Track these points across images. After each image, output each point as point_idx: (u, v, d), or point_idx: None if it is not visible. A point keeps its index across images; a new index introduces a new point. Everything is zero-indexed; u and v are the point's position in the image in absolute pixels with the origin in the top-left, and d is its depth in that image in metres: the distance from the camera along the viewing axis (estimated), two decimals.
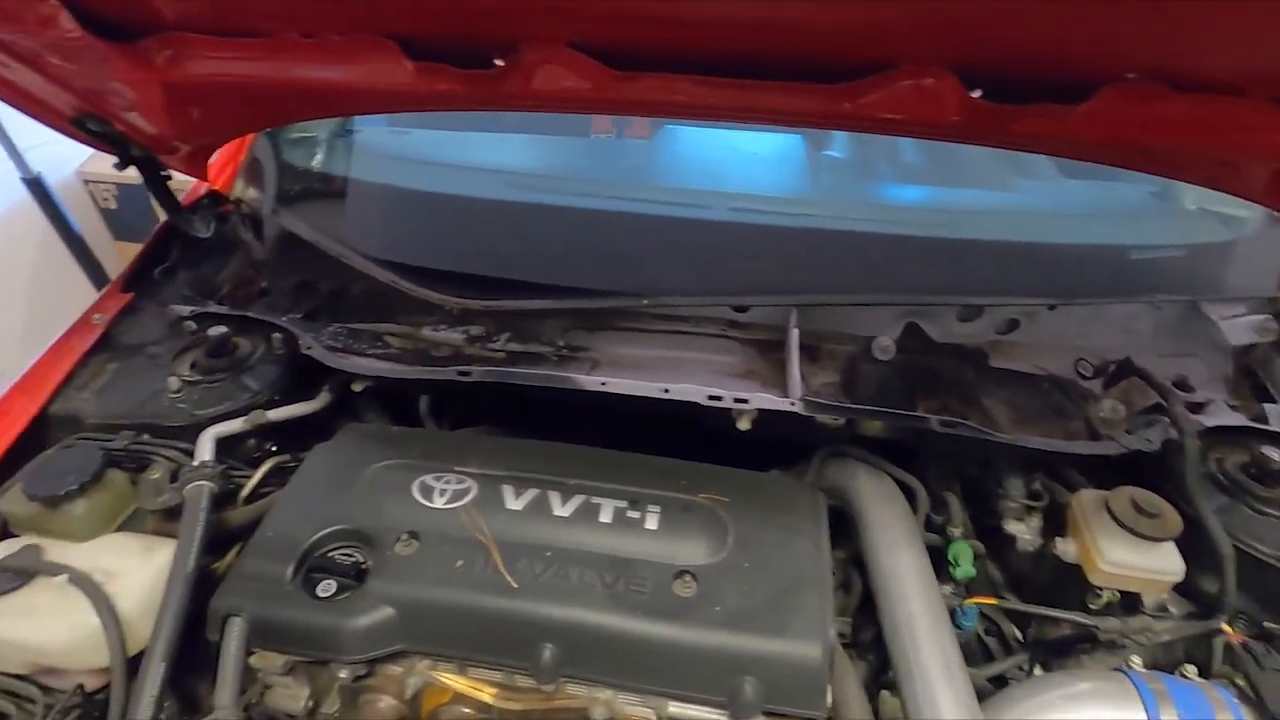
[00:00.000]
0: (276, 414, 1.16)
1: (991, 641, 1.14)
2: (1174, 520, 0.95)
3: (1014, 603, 1.05)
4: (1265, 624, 0.97)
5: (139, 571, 0.93)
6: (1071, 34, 0.74)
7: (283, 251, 1.51)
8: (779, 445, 1.22)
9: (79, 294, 3.18)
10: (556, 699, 0.94)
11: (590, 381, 1.09)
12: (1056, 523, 1.11)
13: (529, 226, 1.42)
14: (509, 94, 0.89)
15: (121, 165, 1.21)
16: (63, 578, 0.89)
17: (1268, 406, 1.14)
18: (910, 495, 1.10)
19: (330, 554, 0.97)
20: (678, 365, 1.23)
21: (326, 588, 0.93)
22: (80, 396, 1.17)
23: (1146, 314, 1.30)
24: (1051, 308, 1.24)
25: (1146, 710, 0.85)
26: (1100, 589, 1.00)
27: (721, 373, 1.22)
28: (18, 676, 0.96)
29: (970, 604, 1.05)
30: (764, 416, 1.09)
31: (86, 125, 1.11)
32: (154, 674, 0.83)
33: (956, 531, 1.10)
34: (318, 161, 1.63)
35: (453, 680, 0.95)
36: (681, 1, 0.75)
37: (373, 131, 1.68)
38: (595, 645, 0.89)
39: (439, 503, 1.00)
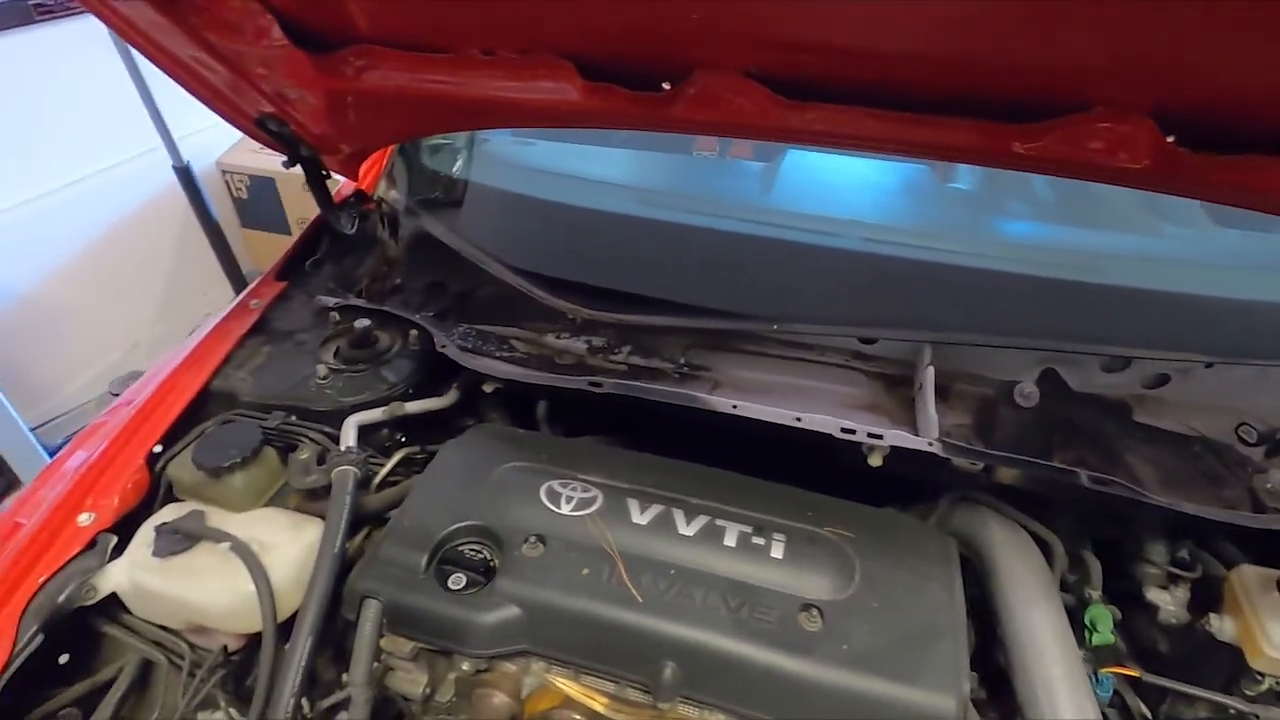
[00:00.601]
0: (413, 407, 1.22)
1: (1113, 714, 1.07)
2: None
3: (1159, 677, 0.99)
4: None
5: (289, 546, 0.99)
6: None
7: (415, 251, 1.59)
8: (889, 482, 1.19)
9: (209, 277, 3.45)
10: (667, 717, 0.94)
11: (722, 403, 1.10)
12: (1206, 596, 1.04)
13: (656, 242, 1.44)
14: (674, 117, 0.91)
15: (290, 164, 1.30)
16: (225, 545, 0.96)
17: None
18: (1046, 551, 1.05)
19: (460, 548, 1.00)
20: (801, 393, 1.22)
21: (457, 580, 0.96)
22: (238, 375, 1.26)
23: None
24: (1209, 365, 1.16)
25: None
26: (1262, 674, 0.92)
27: (846, 404, 1.20)
28: (168, 630, 1.04)
29: (1107, 673, 0.99)
30: (893, 454, 1.07)
31: (267, 125, 1.20)
32: (302, 644, 0.88)
33: (1095, 594, 1.04)
34: (453, 167, 1.70)
35: (566, 685, 0.96)
36: (880, 37, 0.75)
37: (505, 141, 1.74)
38: (716, 668, 0.88)
39: (565, 509, 1.02)
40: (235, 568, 0.94)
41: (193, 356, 1.26)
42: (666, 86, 0.91)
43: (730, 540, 0.98)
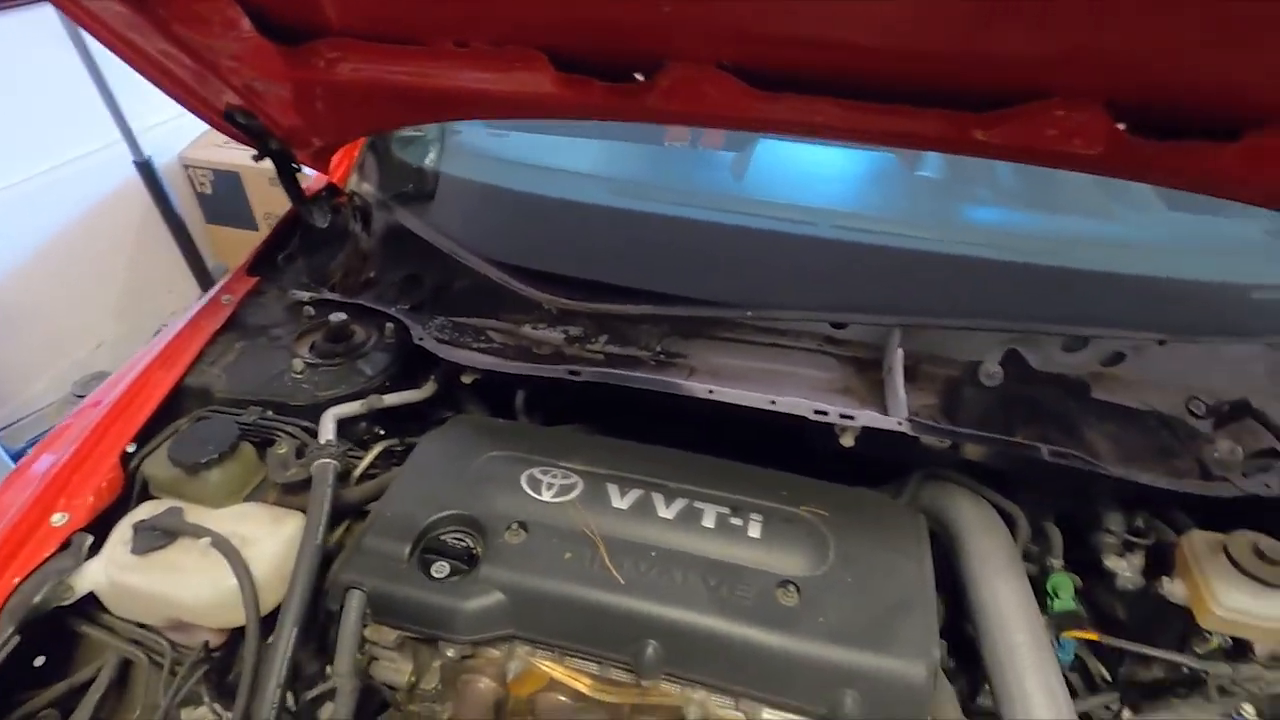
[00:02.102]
0: (391, 399, 1.22)
1: (1074, 678, 1.13)
2: None
3: (1117, 639, 1.04)
4: None
5: (269, 540, 0.99)
6: (1237, 71, 0.73)
7: (389, 244, 1.58)
8: (862, 461, 1.23)
9: (173, 274, 3.38)
10: (651, 695, 0.96)
11: (698, 388, 1.12)
12: (1159, 562, 1.09)
13: (630, 233, 1.45)
14: (647, 108, 0.92)
15: (259, 157, 1.29)
16: (205, 540, 0.95)
17: None
18: (1010, 523, 1.10)
19: (443, 537, 1.01)
20: (774, 377, 1.25)
21: (440, 569, 0.97)
22: (211, 372, 1.25)
23: (1263, 356, 1.26)
24: (1162, 342, 1.21)
25: None
26: (1210, 633, 0.98)
27: (818, 388, 1.23)
28: (147, 629, 1.03)
29: (1068, 637, 1.04)
30: (864, 434, 1.10)
31: (235, 118, 1.19)
32: (286, 637, 0.89)
33: (1057, 563, 1.08)
34: (427, 159, 1.70)
35: (551, 668, 0.98)
36: (835, 28, 0.77)
37: (479, 133, 1.74)
38: (697, 645, 0.91)
39: (547, 496, 1.04)
40: (216, 562, 0.94)
41: (164, 354, 1.25)
42: (640, 77, 0.92)
43: (709, 521, 1.01)
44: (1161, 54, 0.73)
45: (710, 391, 1.11)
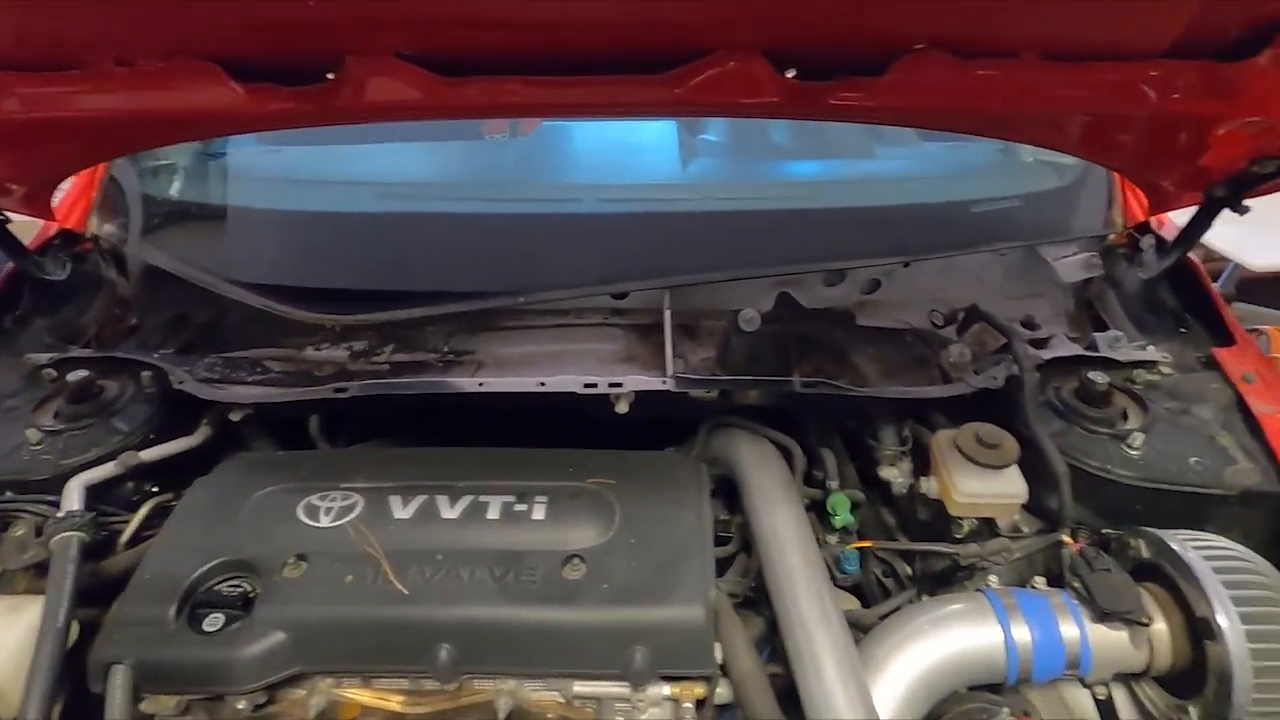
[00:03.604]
0: (150, 454, 1.13)
1: (890, 582, 1.22)
2: (1012, 448, 1.04)
3: (886, 543, 1.13)
4: (1103, 530, 1.07)
5: (3, 633, 0.89)
6: (858, 11, 0.80)
7: (151, 286, 1.46)
8: (679, 425, 1.27)
9: None
10: (462, 696, 0.95)
11: (468, 384, 1.11)
12: (923, 465, 1.20)
13: (404, 236, 1.41)
14: (343, 108, 0.89)
15: None
16: None
17: (1097, 335, 1.26)
18: (788, 455, 1.16)
19: (216, 587, 0.96)
20: (562, 358, 1.26)
21: (213, 621, 0.92)
22: None
23: (995, 263, 1.41)
24: (906, 265, 1.32)
25: (1000, 623, 0.93)
26: (960, 519, 1.08)
27: (605, 360, 1.26)
28: None
29: (851, 549, 1.12)
30: (645, 398, 1.13)
31: None
32: None
33: (834, 484, 1.17)
34: (181, 189, 1.57)
35: (358, 694, 0.96)
36: (490, 6, 0.77)
37: (238, 152, 1.63)
38: (490, 639, 0.91)
39: (325, 521, 1.00)
40: None
41: None
42: (331, 77, 0.89)
43: (494, 513, 1.01)
44: (798, 5, 0.78)
45: (480, 385, 1.10)
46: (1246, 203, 1.09)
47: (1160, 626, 0.92)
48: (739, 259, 1.32)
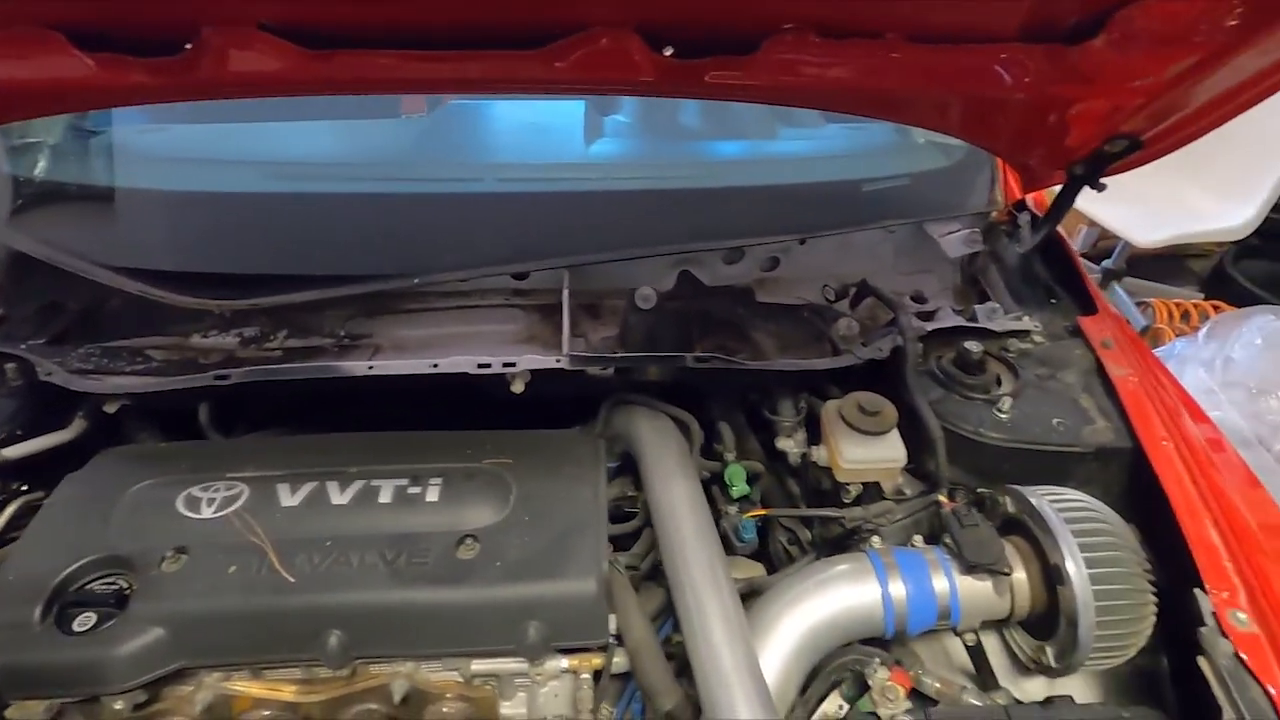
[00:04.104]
0: (15, 451, 1.07)
1: (794, 549, 1.27)
2: (891, 414, 1.10)
3: (780, 510, 1.17)
4: (978, 489, 1.14)
5: None
6: None
7: (18, 273, 1.37)
8: (579, 405, 1.28)
9: None
10: (358, 682, 0.95)
11: (358, 367, 1.09)
12: (819, 434, 1.24)
13: (299, 218, 1.37)
14: (202, 82, 0.85)
15: None
16: None
17: (977, 307, 1.33)
18: (685, 430, 1.19)
19: (88, 586, 0.92)
20: (462, 339, 1.25)
21: (84, 621, 0.88)
22: None
23: (887, 240, 1.46)
24: (802, 242, 1.36)
25: (879, 581, 0.98)
26: (847, 484, 1.13)
27: (506, 341, 1.25)
28: None
29: (748, 518, 1.16)
30: (544, 377, 1.13)
31: None
32: None
33: (730, 456, 1.20)
34: (55, 168, 1.47)
35: (247, 687, 0.94)
36: None
37: (121, 130, 1.54)
38: (381, 622, 0.91)
39: (207, 513, 0.97)
40: None
41: None
42: (189, 49, 0.85)
43: (386, 497, 1.00)
44: None
45: (370, 368, 1.08)
46: (1123, 182, 1.15)
47: (1020, 575, 0.98)
48: (640, 238, 1.33)
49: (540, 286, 1.32)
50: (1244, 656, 0.87)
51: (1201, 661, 0.89)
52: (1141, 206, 3.44)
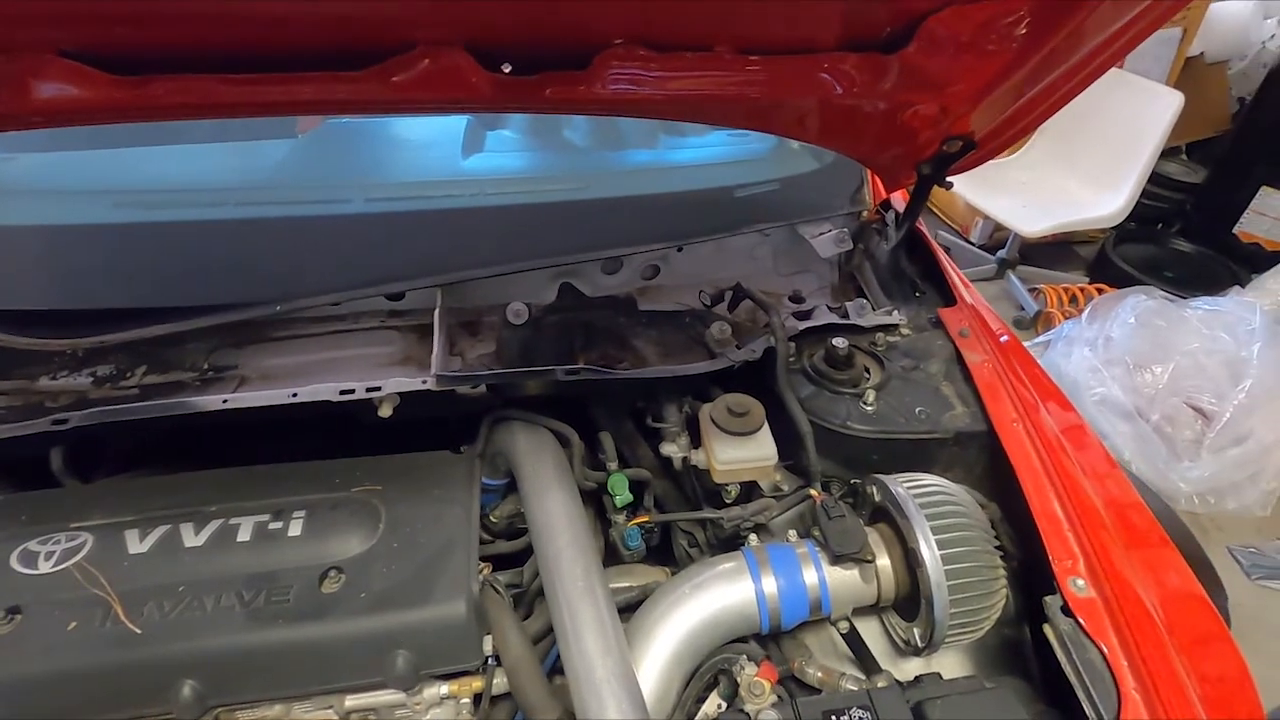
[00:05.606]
0: None
1: (695, 552, 1.28)
2: (759, 414, 1.13)
3: (661, 516, 1.19)
4: (852, 481, 1.18)
5: None
6: (553, 10, 0.82)
7: None
8: (465, 425, 1.26)
9: None
10: None
11: (212, 402, 1.04)
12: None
13: (155, 248, 1.30)
14: (6, 113, 0.80)
15: None
16: None
17: (849, 303, 1.38)
18: (565, 442, 1.19)
19: None
20: (333, 365, 1.22)
21: None
22: None
23: (765, 243, 1.50)
24: (679, 249, 1.39)
25: (753, 578, 1.00)
26: (725, 485, 1.15)
27: (380, 364, 1.23)
28: None
29: (631, 526, 1.17)
30: (415, 399, 1.11)
31: None
32: None
33: (612, 465, 1.20)
34: None
35: None
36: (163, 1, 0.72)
37: None
38: (239, 667, 0.87)
39: (45, 567, 0.91)
40: None
41: None
42: None
43: (245, 535, 0.96)
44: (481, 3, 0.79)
45: (224, 402, 1.04)
46: (1013, 176, 1.21)
47: (884, 561, 1.02)
48: (519, 253, 1.32)
49: (416, 307, 1.30)
50: (1081, 620, 0.92)
51: (1046, 628, 0.94)
52: (1026, 198, 3.66)
